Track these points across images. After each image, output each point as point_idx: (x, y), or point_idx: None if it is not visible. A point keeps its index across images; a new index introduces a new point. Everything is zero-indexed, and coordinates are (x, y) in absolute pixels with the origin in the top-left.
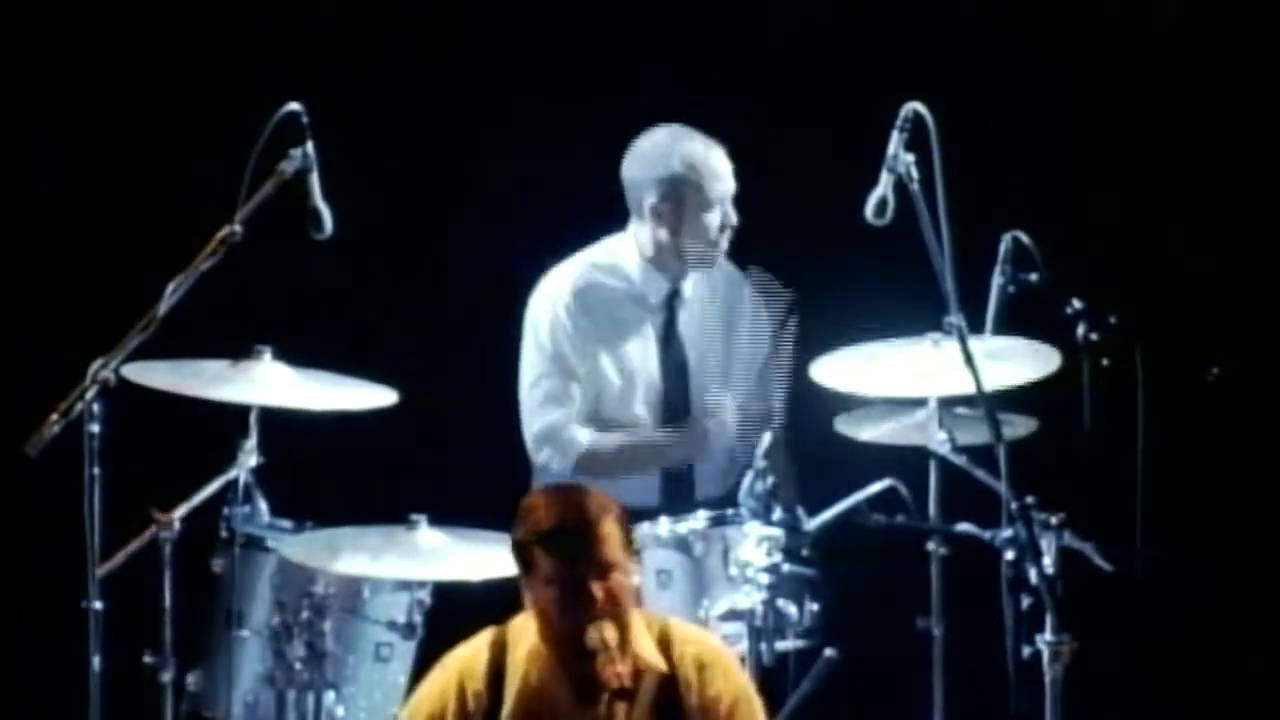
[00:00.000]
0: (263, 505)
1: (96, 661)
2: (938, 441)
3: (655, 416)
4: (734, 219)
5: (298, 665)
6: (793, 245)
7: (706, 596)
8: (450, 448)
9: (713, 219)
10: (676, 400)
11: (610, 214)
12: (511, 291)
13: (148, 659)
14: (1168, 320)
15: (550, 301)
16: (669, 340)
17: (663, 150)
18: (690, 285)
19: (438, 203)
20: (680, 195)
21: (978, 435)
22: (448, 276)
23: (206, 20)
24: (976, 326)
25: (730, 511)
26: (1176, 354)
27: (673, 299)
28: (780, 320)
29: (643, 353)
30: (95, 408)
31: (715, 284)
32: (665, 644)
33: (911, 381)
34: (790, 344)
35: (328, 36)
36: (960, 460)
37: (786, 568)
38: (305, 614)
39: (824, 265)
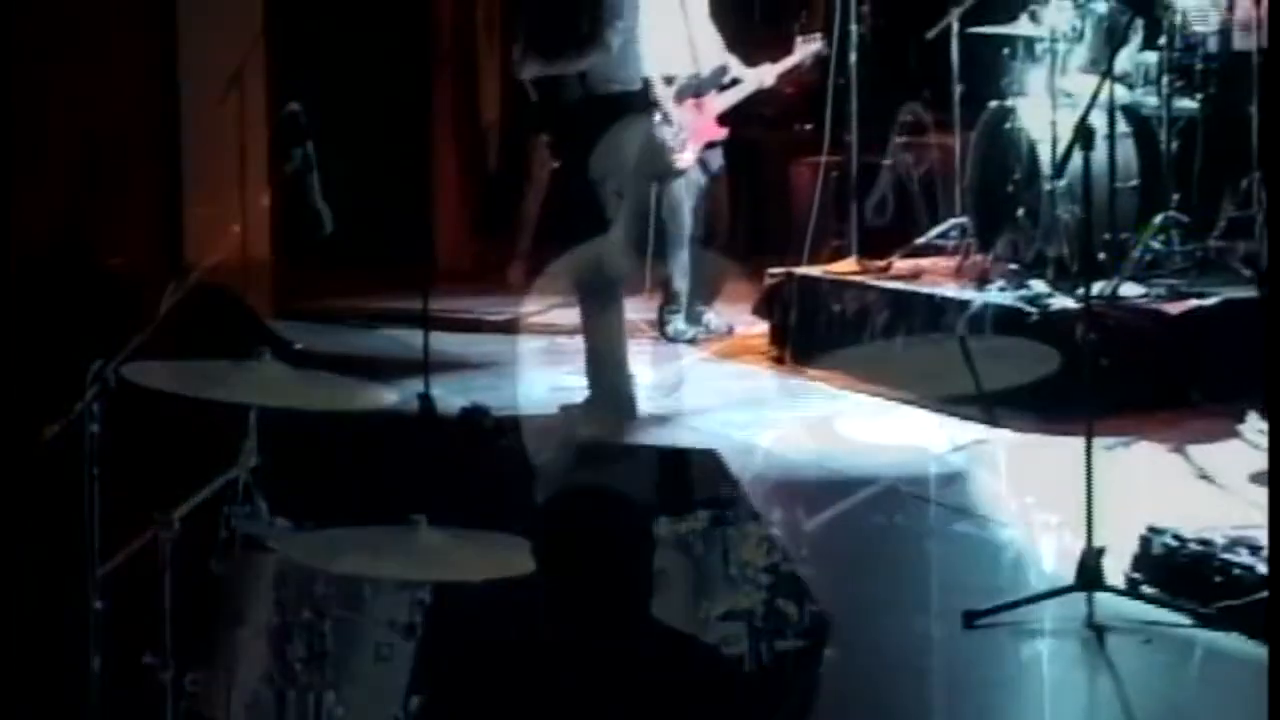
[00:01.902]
0: (263, 505)
1: (96, 662)
2: (939, 441)
3: None
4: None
5: (298, 665)
6: None
7: (706, 597)
8: (450, 448)
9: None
10: None
11: None
12: None
13: (148, 659)
14: None
15: None
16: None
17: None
18: None
19: None
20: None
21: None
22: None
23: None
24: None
25: (730, 512)
26: None
27: None
28: None
29: None
30: (95, 408)
31: None
32: None
33: (911, 381)
34: None
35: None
36: (960, 459)
37: (786, 568)
38: (305, 614)
39: None
